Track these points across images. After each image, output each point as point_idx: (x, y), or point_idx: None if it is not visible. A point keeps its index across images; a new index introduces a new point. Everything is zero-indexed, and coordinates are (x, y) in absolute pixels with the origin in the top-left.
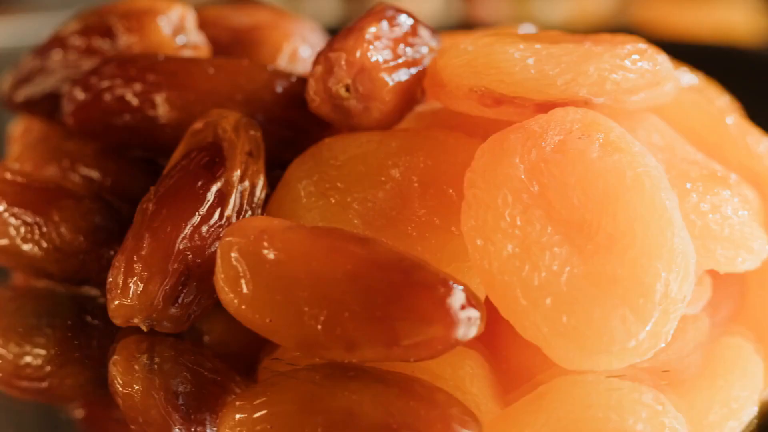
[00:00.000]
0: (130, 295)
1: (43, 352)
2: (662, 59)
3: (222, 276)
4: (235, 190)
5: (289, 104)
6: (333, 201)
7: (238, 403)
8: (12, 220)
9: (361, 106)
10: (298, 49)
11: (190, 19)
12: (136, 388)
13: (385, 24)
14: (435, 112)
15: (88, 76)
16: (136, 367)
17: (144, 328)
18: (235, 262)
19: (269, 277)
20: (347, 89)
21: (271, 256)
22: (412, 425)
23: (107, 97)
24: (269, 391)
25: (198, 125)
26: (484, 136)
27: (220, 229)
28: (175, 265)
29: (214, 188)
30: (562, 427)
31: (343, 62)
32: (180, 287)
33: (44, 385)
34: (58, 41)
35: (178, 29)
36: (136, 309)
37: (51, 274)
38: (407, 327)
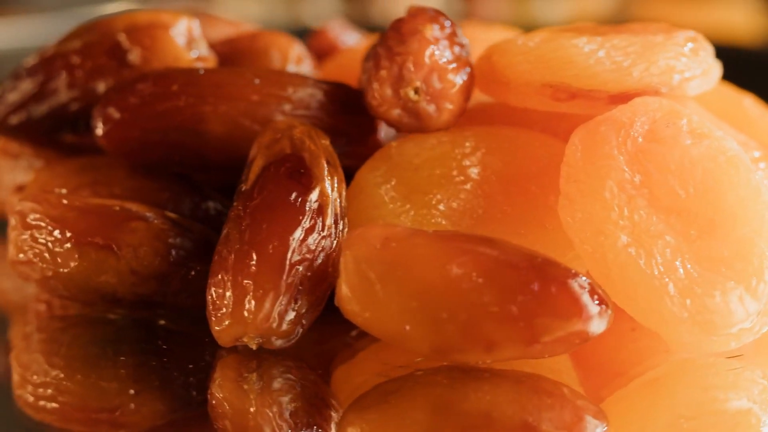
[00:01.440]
0: (244, 314)
1: (114, 381)
2: (709, 47)
3: (347, 288)
4: (330, 200)
5: (334, 111)
6: (418, 204)
7: (365, 415)
8: (79, 248)
9: (432, 108)
10: (301, 53)
11: (198, 29)
12: (251, 408)
13: (436, 25)
14: (481, 109)
15: (121, 94)
16: (246, 386)
17: (253, 347)
18: (362, 273)
19: (402, 285)
20: (416, 92)
21: (402, 263)
22: (548, 420)
23: (148, 114)
24: (394, 399)
25: (268, 137)
26: (542, 130)
27: (324, 241)
28: (289, 280)
29: (311, 199)
30: (685, 410)
31: (411, 65)
32: (293, 302)
33: (118, 414)
34: (56, 61)
35: (189, 41)
36: (251, 327)
37: (120, 299)
38: (546, 324)
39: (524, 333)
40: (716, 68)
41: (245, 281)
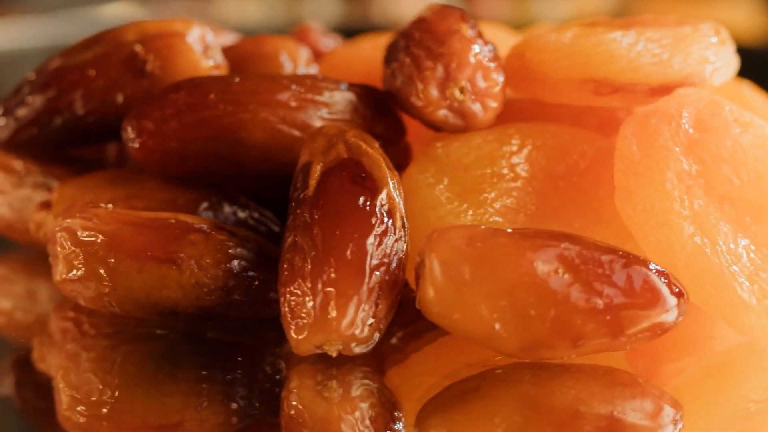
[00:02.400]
0: (327, 322)
1: (175, 396)
2: (730, 38)
3: (433, 290)
4: (398, 203)
5: (369, 114)
6: (474, 204)
7: (447, 415)
8: (140, 263)
9: (477, 106)
10: (305, 54)
11: (211, 36)
12: (335, 416)
13: (467, 24)
14: (508, 105)
15: (155, 105)
16: (326, 394)
17: (333, 354)
18: (450, 275)
19: (491, 284)
20: (461, 91)
21: (489, 262)
22: (632, 411)
23: (185, 124)
24: (475, 398)
25: (321, 142)
26: (572, 124)
27: (396, 244)
28: (370, 285)
29: (379, 203)
30: (753, 394)
31: (456, 65)
32: (374, 307)
33: (180, 430)
34: (69, 74)
35: (205, 49)
36: (335, 335)
37: (178, 313)
38: (631, 316)
39: (611, 326)
40: (736, 59)
41: (326, 288)
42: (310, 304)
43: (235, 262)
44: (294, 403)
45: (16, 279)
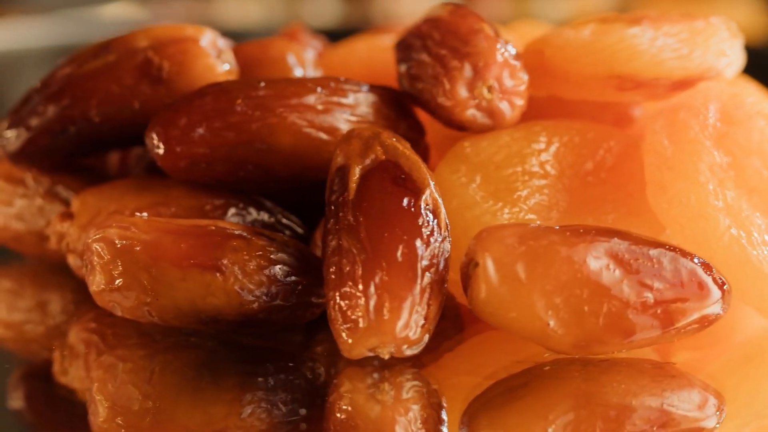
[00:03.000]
0: (382, 325)
1: (218, 404)
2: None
3: (487, 290)
4: (440, 203)
5: (391, 116)
6: (509, 202)
7: (499, 414)
8: (184, 271)
9: (505, 105)
10: (311, 56)
11: (222, 41)
12: (390, 419)
13: (488, 24)
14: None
15: (180, 112)
16: (379, 397)
17: (386, 357)
18: (504, 273)
19: (545, 282)
20: (489, 90)
21: (543, 260)
22: (681, 402)
23: (213, 130)
24: (526, 397)
25: (357, 145)
26: (590, 119)
27: (442, 244)
28: (422, 287)
29: (424, 204)
30: None
31: (482, 64)
32: (426, 309)
33: None
34: (82, 83)
35: (218, 53)
36: (389, 337)
37: (219, 321)
38: (681, 309)
39: (661, 320)
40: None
41: (380, 291)
42: (364, 307)
43: (278, 267)
44: (346, 407)
45: (23, 292)
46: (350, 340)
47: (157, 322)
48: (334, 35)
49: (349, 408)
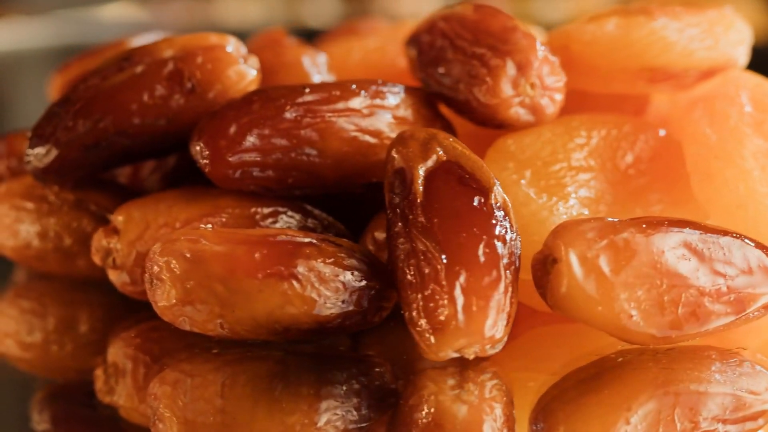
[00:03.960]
0: (470, 326)
1: (296, 414)
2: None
3: (570, 286)
4: (508, 201)
5: (429, 116)
6: (562, 197)
7: (575, 408)
8: (261, 282)
9: (545, 101)
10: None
11: (244, 46)
12: (477, 420)
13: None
14: None
15: (227, 121)
16: (465, 397)
17: (471, 357)
18: (589, 269)
19: (628, 274)
20: (532, 87)
21: (624, 253)
22: (749, 386)
23: (264, 138)
24: (601, 389)
25: (415, 146)
26: (612, 111)
27: (515, 242)
28: (506, 286)
29: (494, 203)
30: None
31: (525, 61)
32: (509, 308)
33: None
34: (114, 96)
35: (245, 59)
36: (477, 338)
37: (292, 330)
38: (752, 295)
39: (734, 306)
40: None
41: (466, 292)
42: (450, 309)
43: (350, 273)
44: (429, 409)
45: (47, 311)
46: (437, 342)
47: (225, 335)
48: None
49: (434, 410)
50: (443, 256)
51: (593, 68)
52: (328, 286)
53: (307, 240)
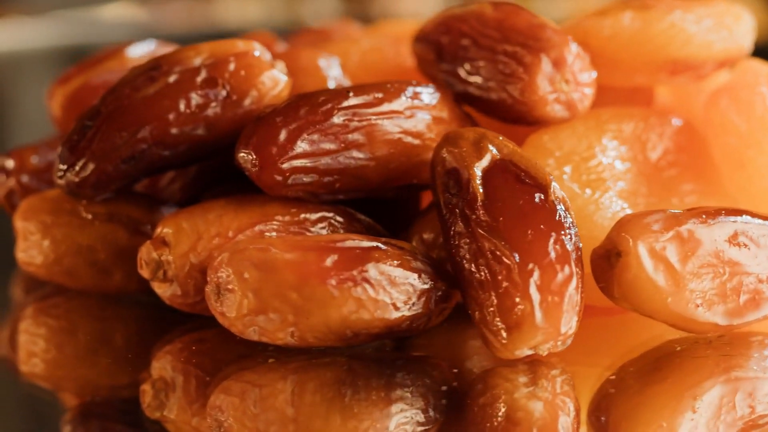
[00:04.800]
0: (548, 323)
1: (368, 420)
2: None
3: (637, 278)
4: (566, 197)
5: (460, 115)
6: (603, 191)
7: (644, 401)
8: (336, 288)
9: (578, 96)
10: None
11: (269, 51)
12: (562, 415)
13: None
14: None
15: (271, 128)
16: (540, 394)
17: (544, 354)
18: (658, 261)
19: (694, 264)
20: (566, 82)
21: (689, 244)
22: None
23: (312, 143)
24: (666, 377)
25: (467, 146)
26: (627, 104)
27: (576, 237)
28: (577, 281)
29: (553, 198)
30: None
31: (559, 57)
32: (580, 303)
33: None
34: (148, 108)
35: (274, 64)
36: (553, 335)
37: (362, 335)
38: None
39: None
40: None
41: (541, 290)
42: (527, 306)
43: (418, 275)
44: (507, 407)
45: (75, 328)
46: (513, 340)
47: (292, 344)
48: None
49: (509, 407)
50: (515, 254)
51: (616, 62)
52: (399, 289)
53: (373, 244)
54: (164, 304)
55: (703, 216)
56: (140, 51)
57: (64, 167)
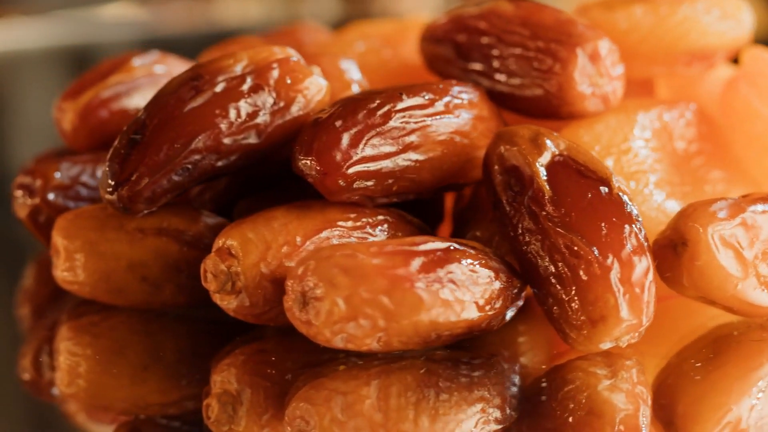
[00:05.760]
0: (632, 315)
1: (455, 422)
2: None
3: (706, 266)
4: (627, 188)
5: (497, 112)
6: (642, 183)
7: (710, 385)
8: (423, 292)
9: (611, 88)
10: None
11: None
12: (637, 404)
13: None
14: None
15: (331, 133)
16: (622, 385)
17: (624, 346)
18: (728, 246)
19: (759, 250)
20: (601, 77)
21: (754, 230)
22: None
23: (374, 147)
24: (734, 361)
25: (525, 144)
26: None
27: (643, 228)
28: (653, 272)
29: (617, 191)
30: None
31: (595, 52)
32: (655, 292)
33: None
34: (197, 119)
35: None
36: (637, 326)
37: (443, 337)
38: None
39: None
40: None
41: (622, 282)
42: (611, 299)
43: (495, 274)
44: (587, 400)
45: (121, 346)
46: (597, 334)
47: (376, 349)
48: None
49: (589, 400)
50: (594, 248)
51: (634, 55)
52: (481, 288)
53: (449, 245)
54: (211, 317)
55: (759, 202)
56: (145, 61)
57: (114, 182)
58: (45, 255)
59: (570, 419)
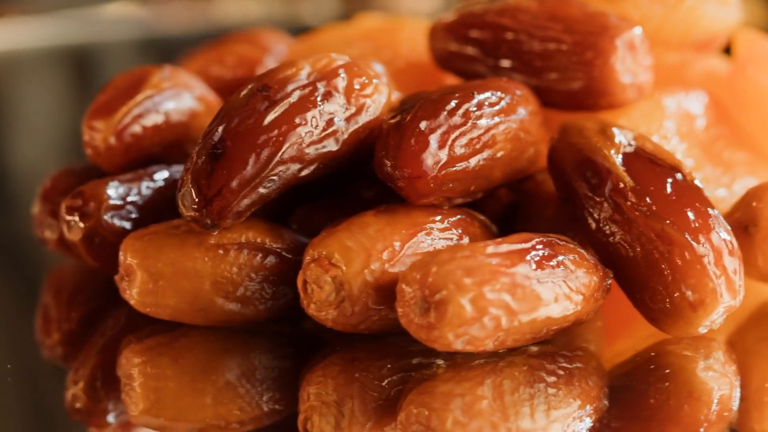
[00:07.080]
0: (730, 297)
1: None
2: None
3: None
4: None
5: (540, 107)
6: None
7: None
8: (537, 290)
9: (645, 79)
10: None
11: None
12: (732, 384)
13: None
14: None
15: (421, 136)
16: (716, 366)
17: (716, 328)
18: None
19: None
20: (638, 66)
21: None
22: None
23: (460, 148)
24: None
25: (592, 136)
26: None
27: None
28: (739, 254)
29: (689, 178)
30: None
31: (631, 44)
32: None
33: None
34: (267, 131)
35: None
36: (731, 309)
37: (549, 332)
38: None
39: None
40: None
41: (717, 265)
42: (708, 284)
43: (594, 267)
44: (687, 383)
45: (207, 366)
46: (696, 317)
47: (488, 349)
48: None
49: (689, 382)
50: (686, 234)
51: (652, 44)
52: (587, 281)
53: (544, 239)
54: (288, 331)
55: None
56: (164, 75)
57: (201, 199)
58: (60, 269)
59: (671, 402)
